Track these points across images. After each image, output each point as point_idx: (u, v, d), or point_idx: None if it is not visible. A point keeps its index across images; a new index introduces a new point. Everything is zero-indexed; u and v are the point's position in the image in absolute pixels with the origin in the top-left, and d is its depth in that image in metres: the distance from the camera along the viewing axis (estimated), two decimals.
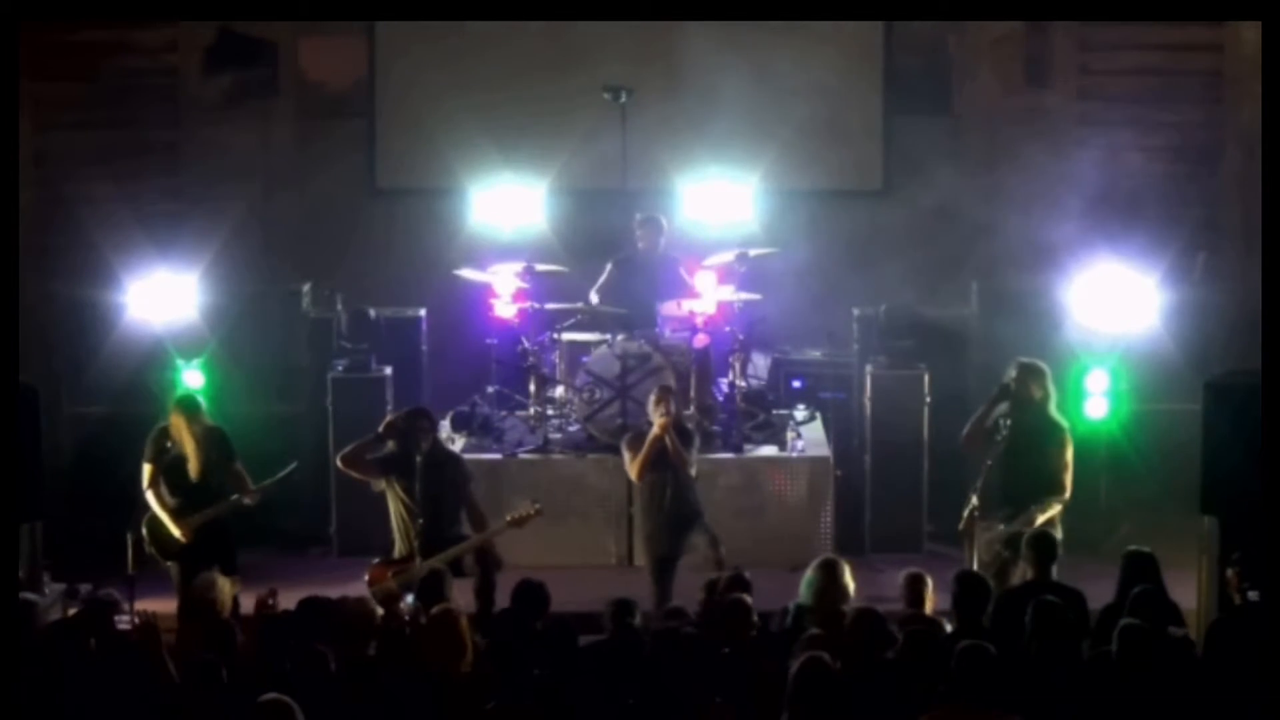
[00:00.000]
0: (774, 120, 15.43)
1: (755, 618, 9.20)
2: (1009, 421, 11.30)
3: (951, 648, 8.13)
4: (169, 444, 11.59)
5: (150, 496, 11.56)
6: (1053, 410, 11.38)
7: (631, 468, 11.87)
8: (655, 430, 11.69)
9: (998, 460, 11.22)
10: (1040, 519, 10.91)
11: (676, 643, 8.85)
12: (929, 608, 9.54)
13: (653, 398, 11.87)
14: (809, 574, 9.72)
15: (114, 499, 12.44)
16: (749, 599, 9.27)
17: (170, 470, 11.57)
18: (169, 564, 11.60)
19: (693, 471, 11.83)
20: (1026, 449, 11.23)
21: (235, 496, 11.48)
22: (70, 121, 14.86)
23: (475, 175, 15.22)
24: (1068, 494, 11.19)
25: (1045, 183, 15.10)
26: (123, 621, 9.44)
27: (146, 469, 11.60)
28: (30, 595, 9.66)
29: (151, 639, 8.71)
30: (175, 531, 11.48)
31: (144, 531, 11.55)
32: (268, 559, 13.08)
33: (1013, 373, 11.42)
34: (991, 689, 7.88)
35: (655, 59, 15.37)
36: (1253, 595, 9.20)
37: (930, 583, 9.69)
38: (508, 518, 11.50)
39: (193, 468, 11.50)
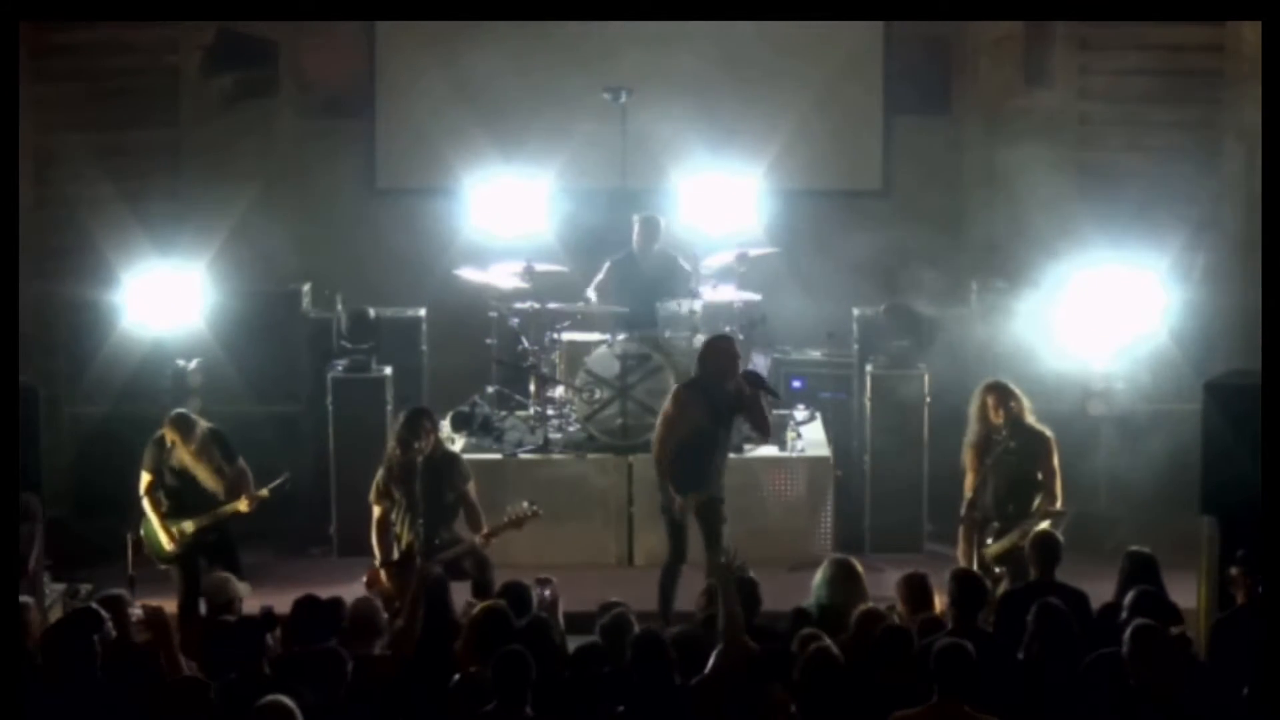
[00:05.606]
0: (774, 120, 15.43)
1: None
2: (1001, 437, 11.32)
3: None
4: (168, 448, 11.59)
5: (146, 504, 11.55)
6: (1031, 420, 11.36)
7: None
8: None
9: (988, 476, 11.24)
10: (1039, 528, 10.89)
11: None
12: (938, 607, 9.50)
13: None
14: (826, 574, 9.65)
15: (114, 499, 12.45)
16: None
17: (168, 476, 11.57)
18: (171, 567, 11.60)
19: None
20: (1015, 464, 11.25)
21: (225, 507, 11.48)
22: (70, 121, 14.83)
23: (475, 175, 15.20)
24: (1059, 503, 11.19)
25: (1045, 183, 15.08)
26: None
27: (145, 477, 11.60)
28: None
29: (161, 631, 8.71)
30: (164, 540, 11.48)
31: (142, 534, 11.55)
32: (268, 559, 13.10)
33: (989, 399, 11.39)
34: (969, 688, 7.88)
35: (655, 59, 15.36)
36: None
37: (931, 582, 9.67)
38: (504, 520, 11.49)
39: (200, 477, 11.50)
